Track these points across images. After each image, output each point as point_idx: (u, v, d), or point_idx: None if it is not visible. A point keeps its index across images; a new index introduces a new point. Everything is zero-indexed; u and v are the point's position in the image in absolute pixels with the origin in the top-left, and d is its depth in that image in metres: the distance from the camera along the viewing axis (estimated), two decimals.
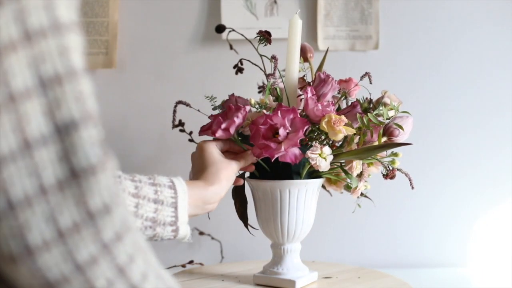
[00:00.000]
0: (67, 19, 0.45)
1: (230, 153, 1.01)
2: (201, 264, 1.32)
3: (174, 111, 1.12)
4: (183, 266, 1.31)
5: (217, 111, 1.06)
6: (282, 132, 0.95)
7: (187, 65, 1.48)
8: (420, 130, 1.30)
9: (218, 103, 1.07)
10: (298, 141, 0.94)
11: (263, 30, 1.06)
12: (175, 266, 1.32)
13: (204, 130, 1.00)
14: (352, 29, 1.47)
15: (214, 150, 0.95)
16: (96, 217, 0.45)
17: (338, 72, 1.15)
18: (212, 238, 1.46)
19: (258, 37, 1.06)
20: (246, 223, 1.09)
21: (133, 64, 1.48)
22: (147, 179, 0.83)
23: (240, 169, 0.99)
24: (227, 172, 0.93)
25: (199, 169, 0.94)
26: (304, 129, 0.95)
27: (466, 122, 1.47)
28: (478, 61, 1.47)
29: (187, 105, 1.10)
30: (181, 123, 1.16)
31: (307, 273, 1.08)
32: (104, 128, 0.47)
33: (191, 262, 1.33)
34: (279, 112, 0.96)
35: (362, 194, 1.07)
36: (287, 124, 0.95)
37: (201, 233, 1.46)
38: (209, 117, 1.03)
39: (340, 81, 1.08)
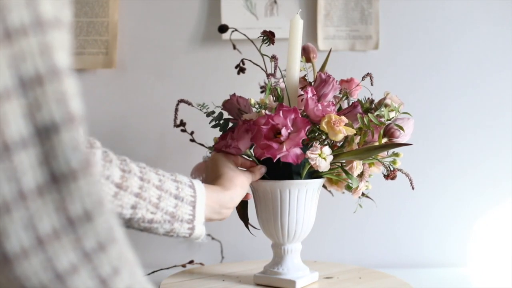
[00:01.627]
0: (51, 15, 0.42)
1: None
2: (201, 264, 1.32)
3: (176, 110, 1.12)
4: (183, 266, 1.31)
5: (210, 118, 1.07)
6: (284, 132, 0.95)
7: (187, 65, 1.48)
8: (420, 130, 1.30)
9: (211, 109, 1.08)
10: (300, 141, 0.94)
11: (267, 30, 1.06)
12: (175, 266, 1.32)
13: (218, 149, 1.01)
14: (352, 29, 1.47)
15: (227, 160, 0.98)
16: (76, 224, 0.43)
17: (338, 72, 1.15)
18: (213, 238, 1.46)
19: (262, 37, 1.06)
20: (246, 223, 1.09)
21: (133, 64, 1.48)
22: (170, 175, 0.85)
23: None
24: (241, 179, 0.95)
25: (214, 177, 0.96)
26: (306, 129, 0.95)
27: (466, 122, 1.47)
28: (478, 61, 1.47)
29: (189, 103, 1.10)
30: (182, 123, 1.16)
31: (308, 273, 1.08)
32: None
33: (191, 262, 1.33)
34: (280, 112, 0.96)
35: (363, 194, 1.07)
36: (289, 124, 0.95)
37: None
38: (220, 137, 1.03)
39: (342, 81, 1.08)
